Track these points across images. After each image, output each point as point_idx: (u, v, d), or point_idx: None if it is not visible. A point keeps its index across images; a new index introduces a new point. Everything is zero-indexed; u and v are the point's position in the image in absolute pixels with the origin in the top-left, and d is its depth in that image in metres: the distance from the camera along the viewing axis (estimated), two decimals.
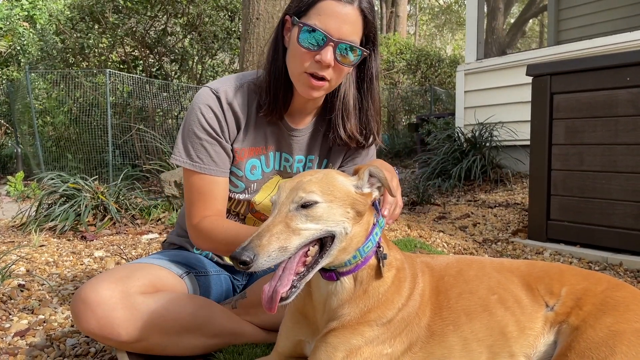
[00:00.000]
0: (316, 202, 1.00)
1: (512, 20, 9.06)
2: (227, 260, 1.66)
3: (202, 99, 1.45)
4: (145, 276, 1.37)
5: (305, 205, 1.00)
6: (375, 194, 1.12)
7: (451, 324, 1.18)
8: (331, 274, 1.10)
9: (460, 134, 5.39)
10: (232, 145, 1.49)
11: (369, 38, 1.42)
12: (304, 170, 1.59)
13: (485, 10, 6.15)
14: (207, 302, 1.46)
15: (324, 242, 1.03)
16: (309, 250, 1.01)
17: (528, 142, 3.24)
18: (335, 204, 1.03)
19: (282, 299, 0.98)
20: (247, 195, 1.56)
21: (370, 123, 1.54)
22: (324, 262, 1.03)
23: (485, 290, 1.23)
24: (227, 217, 1.63)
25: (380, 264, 1.12)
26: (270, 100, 1.45)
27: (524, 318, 1.20)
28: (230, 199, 1.57)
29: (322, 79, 1.36)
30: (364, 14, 1.36)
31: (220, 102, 1.44)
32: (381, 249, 1.13)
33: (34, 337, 1.69)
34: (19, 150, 8.52)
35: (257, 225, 1.63)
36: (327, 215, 1.01)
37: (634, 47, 4.25)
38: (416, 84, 12.07)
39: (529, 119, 3.12)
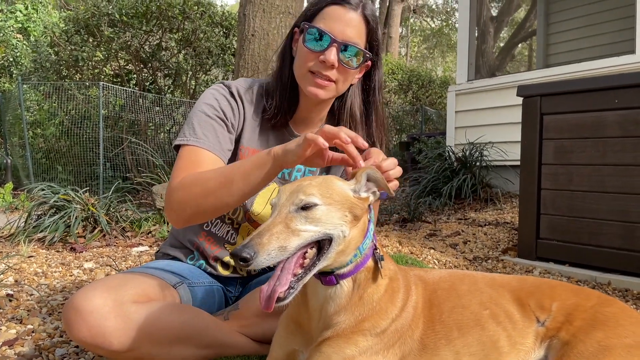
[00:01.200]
0: (316, 205, 1.02)
1: (502, 44, 9.23)
2: (221, 270, 1.66)
3: (214, 89, 1.50)
4: (138, 285, 1.36)
5: (305, 207, 1.02)
6: (372, 198, 1.14)
7: (443, 337, 1.19)
8: (331, 277, 1.11)
9: (451, 153, 5.44)
10: (237, 140, 1.52)
11: (373, 47, 1.48)
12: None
13: (476, 32, 6.26)
14: (199, 312, 1.45)
15: (321, 245, 1.04)
16: (306, 252, 1.03)
17: (517, 163, 3.29)
18: (333, 207, 1.04)
19: (279, 299, 0.98)
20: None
21: (374, 135, 1.58)
22: (321, 265, 1.04)
23: (478, 304, 1.25)
24: (221, 225, 1.64)
25: (379, 265, 1.13)
26: (277, 104, 1.50)
27: (515, 333, 1.22)
28: None
29: (327, 79, 1.41)
30: (367, 20, 1.43)
31: (232, 93, 1.50)
32: (377, 250, 1.15)
33: (22, 346, 1.67)
34: (9, 161, 8.46)
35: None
36: (325, 218, 1.03)
37: (620, 71, 4.35)
38: (407, 103, 12.20)
39: (519, 139, 3.16)
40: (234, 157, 1.53)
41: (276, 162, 1.21)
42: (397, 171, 1.20)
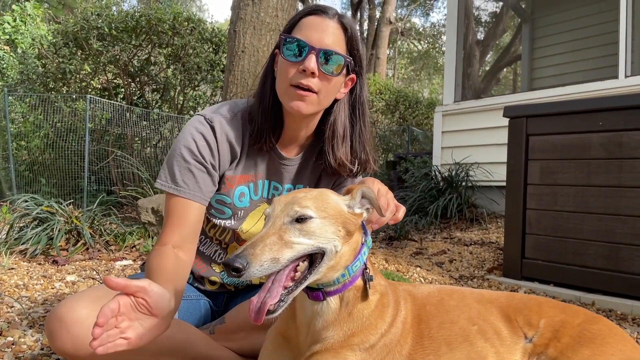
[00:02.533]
0: (310, 217, 1.02)
1: (488, 68, 9.39)
2: (208, 285, 1.64)
3: (195, 127, 1.43)
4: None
5: (300, 220, 1.01)
6: (365, 215, 1.14)
7: (432, 353, 1.19)
8: (318, 293, 1.10)
9: (437, 173, 5.48)
10: (224, 173, 1.48)
11: (355, 57, 1.45)
12: None
13: (463, 55, 6.36)
14: (185, 325, 1.43)
15: (313, 259, 1.04)
16: (298, 265, 1.02)
17: (503, 183, 3.33)
18: (328, 220, 1.04)
19: (269, 312, 0.97)
20: (233, 223, 1.55)
21: (360, 151, 1.54)
22: (312, 278, 1.03)
23: (466, 320, 1.25)
24: (210, 244, 1.62)
25: (367, 285, 1.13)
26: (259, 127, 1.46)
27: (503, 349, 1.22)
28: (215, 226, 1.56)
29: (308, 89, 1.37)
30: (344, 27, 1.41)
31: (215, 132, 1.43)
32: (367, 270, 1.14)
33: (2, 358, 1.63)
34: None
35: None
36: (319, 232, 1.02)
37: (604, 95, 4.44)
38: (394, 123, 12.29)
39: (504, 160, 3.20)
40: (220, 187, 1.50)
41: None
42: (393, 207, 1.25)
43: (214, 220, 1.55)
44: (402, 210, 1.27)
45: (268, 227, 1.02)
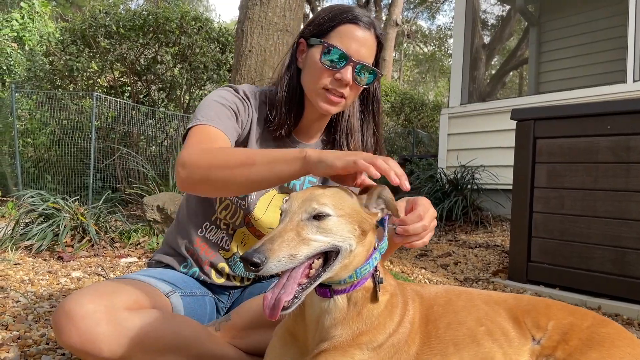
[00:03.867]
0: (328, 215, 1.02)
1: (494, 71, 9.38)
2: (214, 278, 1.64)
3: (223, 89, 1.51)
4: (131, 292, 1.34)
5: (317, 217, 1.01)
6: (380, 215, 1.13)
7: (439, 353, 1.18)
8: (325, 290, 1.10)
9: (442, 175, 5.47)
10: (246, 141, 1.53)
11: (378, 63, 1.53)
12: (301, 188, 1.61)
13: (470, 58, 6.35)
14: (191, 322, 1.43)
15: (328, 257, 1.04)
16: (313, 262, 1.02)
17: (508, 186, 3.32)
18: (344, 219, 1.04)
19: (283, 308, 0.97)
20: (245, 203, 1.56)
21: (371, 144, 1.61)
22: (326, 276, 1.03)
23: (474, 321, 1.24)
24: (216, 230, 1.63)
25: (377, 288, 1.12)
26: (283, 115, 1.51)
27: (511, 351, 1.21)
28: (227, 207, 1.57)
29: (340, 96, 1.44)
30: (378, 39, 1.49)
31: (238, 93, 1.51)
32: (378, 272, 1.14)
33: (7, 352, 1.63)
34: None
35: (246, 240, 1.64)
36: (336, 229, 1.02)
37: (612, 100, 4.42)
38: (399, 125, 12.30)
39: (510, 163, 3.19)
40: None
41: (306, 165, 1.14)
42: (423, 225, 1.18)
43: (229, 198, 1.57)
44: (429, 234, 1.24)
45: (286, 223, 1.02)
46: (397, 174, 1.06)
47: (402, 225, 1.17)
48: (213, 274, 1.64)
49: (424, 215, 1.19)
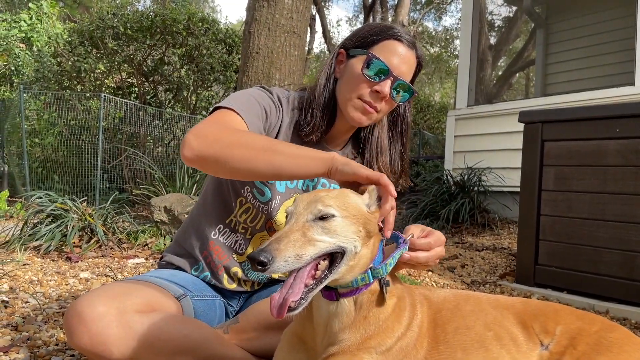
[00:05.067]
0: (333, 216, 1.03)
1: (501, 72, 9.36)
2: (226, 283, 1.64)
3: (258, 88, 1.52)
4: (142, 295, 1.35)
5: (323, 218, 1.02)
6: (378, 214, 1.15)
7: (448, 358, 1.18)
8: (331, 293, 1.11)
9: (449, 177, 5.46)
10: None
11: (413, 83, 1.55)
12: None
13: (477, 60, 6.34)
14: (201, 325, 1.44)
15: (334, 258, 1.04)
16: (319, 264, 1.02)
17: (515, 189, 3.31)
18: (349, 220, 1.05)
19: (290, 309, 0.98)
20: (267, 207, 1.57)
21: (398, 165, 1.64)
22: (332, 277, 1.04)
23: (482, 326, 1.24)
24: (230, 234, 1.63)
25: (384, 291, 1.13)
26: (317, 122, 1.52)
27: (519, 356, 1.21)
28: (248, 210, 1.58)
29: (375, 108, 1.47)
30: (418, 61, 1.52)
31: (272, 96, 1.52)
32: (384, 276, 1.14)
33: (17, 353, 1.64)
34: (5, 169, 8.43)
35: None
36: (341, 230, 1.03)
37: (620, 102, 4.40)
38: None
39: (517, 165, 3.18)
40: None
41: (330, 165, 1.17)
42: (433, 254, 1.26)
43: (251, 202, 1.57)
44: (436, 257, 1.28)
45: (291, 224, 1.03)
46: (390, 207, 1.13)
47: (411, 246, 1.23)
48: (225, 279, 1.65)
49: (434, 245, 1.27)
